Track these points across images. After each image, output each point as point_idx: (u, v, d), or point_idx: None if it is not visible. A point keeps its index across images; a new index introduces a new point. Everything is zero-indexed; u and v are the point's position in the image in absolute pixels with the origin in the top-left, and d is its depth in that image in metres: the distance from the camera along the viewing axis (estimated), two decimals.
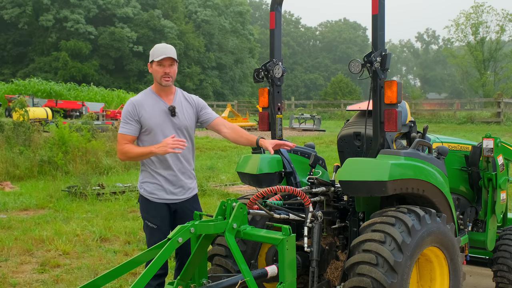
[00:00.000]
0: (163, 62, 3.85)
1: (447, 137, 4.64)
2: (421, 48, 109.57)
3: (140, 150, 3.81)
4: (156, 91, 3.97)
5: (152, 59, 3.89)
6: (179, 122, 3.93)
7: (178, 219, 3.95)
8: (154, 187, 3.91)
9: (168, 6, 60.62)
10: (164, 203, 3.92)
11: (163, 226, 3.91)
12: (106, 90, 41.92)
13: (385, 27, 3.42)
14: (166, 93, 3.97)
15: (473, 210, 4.68)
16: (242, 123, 25.69)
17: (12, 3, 53.42)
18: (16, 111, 14.96)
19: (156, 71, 3.88)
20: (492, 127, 25.07)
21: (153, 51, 3.91)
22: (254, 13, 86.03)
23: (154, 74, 3.91)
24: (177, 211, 3.97)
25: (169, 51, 3.87)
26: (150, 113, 3.87)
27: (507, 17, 53.62)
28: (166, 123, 3.90)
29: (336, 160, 4.43)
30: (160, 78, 3.87)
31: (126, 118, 3.89)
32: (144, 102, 3.91)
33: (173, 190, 3.91)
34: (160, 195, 3.90)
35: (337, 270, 3.65)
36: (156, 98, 3.94)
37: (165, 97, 3.96)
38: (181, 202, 3.95)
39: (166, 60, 3.86)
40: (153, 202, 3.92)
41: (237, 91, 66.12)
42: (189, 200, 4.00)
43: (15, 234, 7.06)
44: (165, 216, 3.93)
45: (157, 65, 3.86)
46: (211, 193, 9.96)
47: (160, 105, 3.92)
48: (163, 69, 3.86)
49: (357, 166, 3.35)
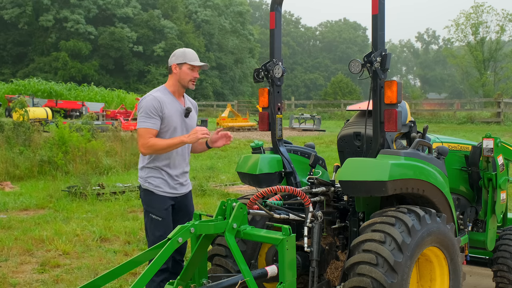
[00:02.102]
0: (196, 67, 4.06)
1: (447, 137, 4.64)
2: (421, 48, 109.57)
3: (169, 141, 3.94)
4: (172, 91, 4.12)
5: (183, 61, 4.03)
6: (190, 123, 4.16)
7: (175, 213, 4.14)
8: (160, 181, 4.07)
9: (168, 6, 60.62)
10: (168, 196, 4.08)
11: (168, 218, 4.07)
12: (106, 90, 41.93)
13: (385, 27, 3.42)
14: (180, 95, 4.16)
15: (473, 210, 4.68)
16: (242, 123, 25.70)
17: (12, 3, 53.43)
18: (16, 111, 14.96)
19: (187, 73, 4.05)
20: (492, 127, 25.09)
21: (184, 53, 4.05)
22: (254, 13, 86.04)
23: (182, 75, 4.05)
24: (175, 206, 4.15)
25: (205, 63, 4.13)
26: (171, 113, 4.04)
27: (507, 17, 53.67)
28: (181, 123, 4.10)
29: (336, 160, 4.43)
30: (189, 81, 4.07)
31: (150, 113, 3.95)
32: (165, 100, 4.04)
33: (174, 185, 4.10)
34: (165, 188, 4.07)
35: (337, 270, 3.65)
36: (173, 98, 4.11)
37: (179, 98, 4.15)
38: (180, 197, 4.15)
39: (198, 67, 4.09)
40: (158, 195, 4.06)
41: (237, 91, 66.12)
42: (187, 195, 4.23)
43: (15, 234, 7.05)
44: (169, 209, 4.10)
45: (190, 68, 4.05)
46: (211, 193, 9.95)
47: (176, 105, 4.09)
48: (193, 74, 4.07)
49: (357, 166, 3.35)
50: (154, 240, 3.93)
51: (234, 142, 18.70)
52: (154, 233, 4.03)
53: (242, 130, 24.58)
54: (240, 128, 24.72)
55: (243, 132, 23.86)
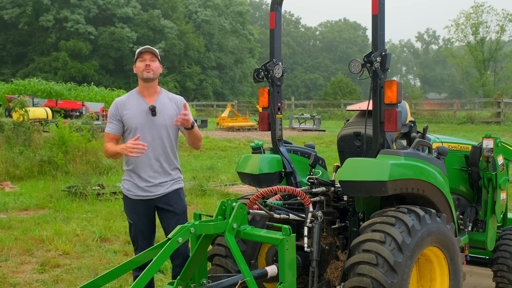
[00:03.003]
0: (143, 56, 4.00)
1: (447, 137, 4.64)
2: (421, 48, 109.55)
3: (113, 149, 3.99)
4: (139, 91, 4.11)
5: (135, 58, 4.06)
6: (159, 121, 4.03)
7: (160, 213, 4.13)
8: (130, 184, 4.08)
9: (168, 6, 60.62)
10: (140, 199, 4.05)
11: (139, 222, 4.09)
12: (106, 90, 41.86)
13: (385, 27, 3.42)
14: (149, 93, 4.08)
15: (473, 210, 4.68)
16: (242, 123, 25.69)
17: (12, 3, 53.40)
18: (16, 111, 14.94)
19: (138, 66, 4.03)
20: (492, 127, 25.10)
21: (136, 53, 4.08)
22: (254, 13, 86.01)
23: (137, 71, 4.05)
24: (158, 207, 4.11)
25: (149, 48, 4.04)
26: (132, 113, 4.02)
27: (507, 17, 53.67)
28: (146, 123, 4.01)
29: (336, 160, 4.43)
30: (142, 71, 4.00)
31: (109, 118, 4.11)
32: (127, 103, 4.07)
33: (146, 188, 4.03)
34: (135, 192, 4.06)
35: (337, 270, 3.65)
36: (138, 99, 4.07)
37: (147, 97, 4.07)
38: (157, 198, 4.05)
39: (146, 54, 4.01)
40: (130, 198, 4.09)
41: (237, 91, 66.11)
42: (168, 195, 4.06)
43: (15, 234, 7.05)
44: (141, 213, 4.08)
45: (139, 61, 4.02)
46: (211, 193, 9.95)
47: (141, 105, 4.04)
48: (144, 62, 3.99)
49: (357, 166, 3.35)
50: (132, 241, 4.16)
51: (234, 142, 18.70)
52: (130, 234, 4.20)
53: (242, 130, 24.58)
54: (240, 128, 24.72)
55: (243, 132, 23.87)
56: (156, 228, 4.26)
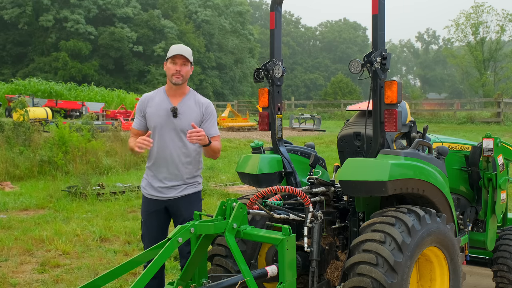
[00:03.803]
0: (175, 59, 3.90)
1: (447, 137, 4.64)
2: (421, 48, 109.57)
3: (130, 144, 3.97)
4: (166, 90, 4.05)
5: (167, 57, 3.95)
6: (180, 124, 3.93)
7: (172, 216, 4.10)
8: (146, 182, 4.09)
9: (168, 6, 60.63)
10: (152, 199, 4.04)
11: (148, 220, 4.07)
12: (106, 90, 41.91)
13: (385, 27, 3.42)
14: (175, 94, 4.00)
15: (473, 210, 4.68)
16: (242, 123, 25.69)
17: (12, 3, 53.41)
18: (16, 111, 14.95)
19: (169, 68, 3.94)
20: (492, 127, 25.09)
21: (169, 50, 3.97)
22: (254, 13, 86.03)
23: (167, 72, 3.97)
24: (169, 209, 4.07)
25: (183, 50, 3.92)
26: (154, 112, 3.97)
27: (507, 17, 53.69)
28: (166, 124, 3.94)
29: (336, 160, 4.43)
30: (171, 75, 3.92)
31: (136, 112, 4.10)
32: (153, 99, 4.02)
33: (159, 189, 4.00)
34: (149, 191, 4.05)
35: (337, 270, 3.65)
36: (164, 98, 4.01)
37: (173, 97, 3.99)
38: (170, 200, 4.00)
39: (179, 58, 3.90)
40: (145, 196, 4.10)
41: (237, 91, 66.12)
42: (181, 199, 4.00)
43: (15, 234, 7.05)
44: (153, 212, 4.04)
45: (170, 62, 3.92)
46: (211, 193, 9.95)
47: (165, 104, 3.97)
48: (175, 67, 3.90)
49: (357, 166, 3.35)
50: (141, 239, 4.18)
51: (234, 142, 18.69)
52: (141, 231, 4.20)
53: (242, 130, 24.56)
54: (240, 128, 24.71)
55: (243, 132, 23.85)
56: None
